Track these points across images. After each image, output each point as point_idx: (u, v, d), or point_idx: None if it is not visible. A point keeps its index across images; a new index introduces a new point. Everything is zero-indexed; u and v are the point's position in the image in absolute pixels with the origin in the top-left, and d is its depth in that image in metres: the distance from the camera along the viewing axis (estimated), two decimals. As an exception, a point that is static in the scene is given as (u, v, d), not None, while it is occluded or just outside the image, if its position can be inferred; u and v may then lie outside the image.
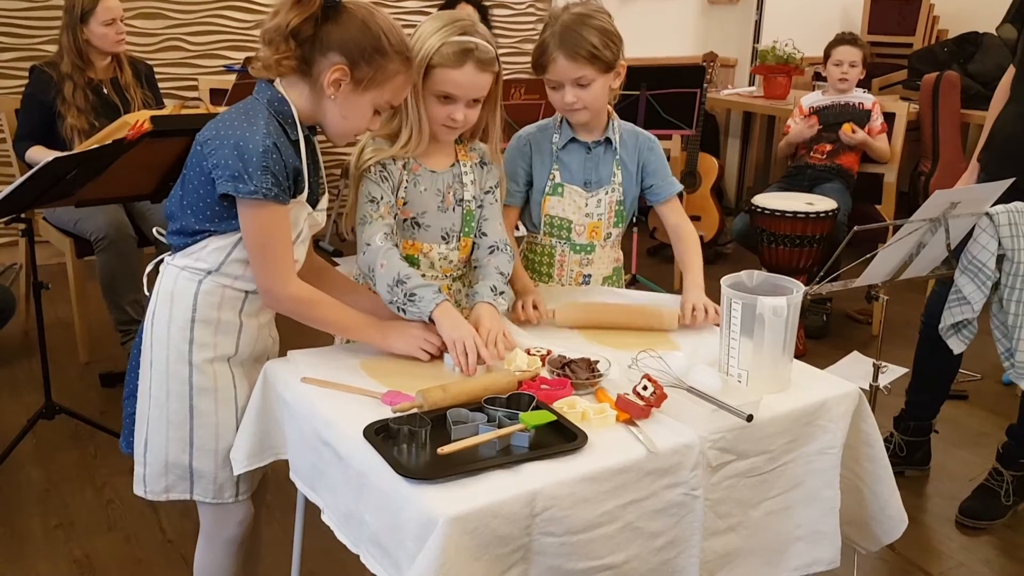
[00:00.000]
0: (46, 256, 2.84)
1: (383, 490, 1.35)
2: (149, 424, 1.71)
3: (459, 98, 1.83)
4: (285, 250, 1.64)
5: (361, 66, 1.60)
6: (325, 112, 1.65)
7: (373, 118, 1.68)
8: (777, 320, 1.59)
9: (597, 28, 1.96)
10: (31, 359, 3.38)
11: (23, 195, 2.36)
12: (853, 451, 1.71)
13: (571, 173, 2.11)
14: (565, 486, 1.35)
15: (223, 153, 1.56)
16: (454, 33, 1.80)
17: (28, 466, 2.74)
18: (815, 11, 5.81)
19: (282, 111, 1.63)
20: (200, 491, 1.72)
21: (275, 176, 1.56)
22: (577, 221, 2.11)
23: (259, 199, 1.56)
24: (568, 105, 2.01)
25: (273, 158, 1.56)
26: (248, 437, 1.69)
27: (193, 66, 4.56)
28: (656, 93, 3.96)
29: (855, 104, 4.09)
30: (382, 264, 1.76)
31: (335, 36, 1.59)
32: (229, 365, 1.71)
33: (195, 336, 1.67)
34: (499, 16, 5.17)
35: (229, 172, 1.56)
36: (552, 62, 1.98)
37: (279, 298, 1.66)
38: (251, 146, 1.56)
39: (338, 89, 1.61)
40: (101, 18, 3.29)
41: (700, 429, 1.50)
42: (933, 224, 2.14)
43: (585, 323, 1.94)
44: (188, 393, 1.68)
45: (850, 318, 4.11)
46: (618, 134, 2.12)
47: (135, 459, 1.74)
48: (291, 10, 1.57)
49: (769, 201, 3.66)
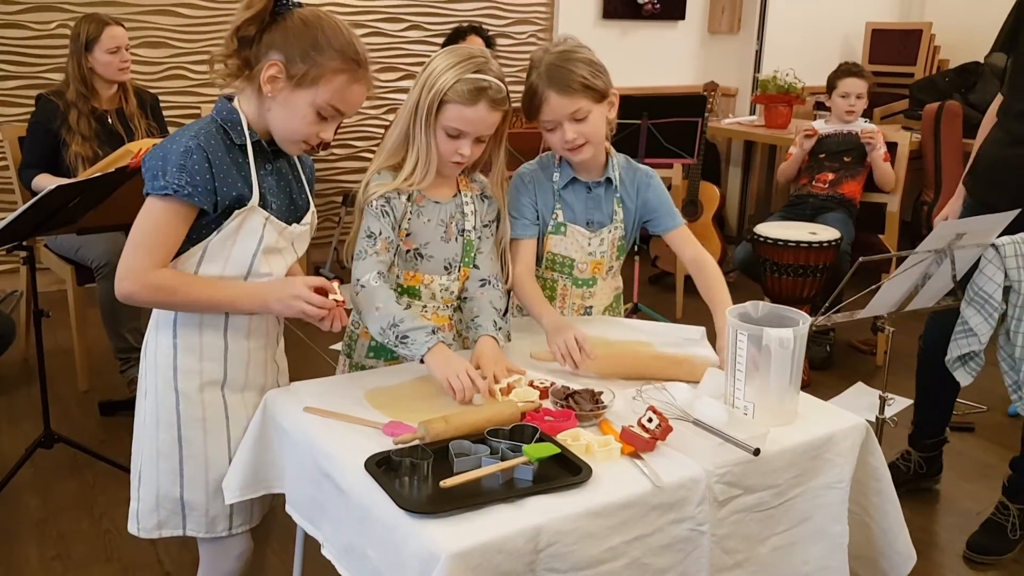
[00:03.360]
0: (46, 283, 2.83)
1: (385, 524, 1.34)
2: (142, 456, 1.69)
3: (468, 134, 1.83)
4: (163, 247, 1.57)
5: (296, 62, 1.57)
6: (270, 116, 1.62)
7: (320, 123, 1.62)
8: (783, 352, 1.58)
9: (583, 60, 1.94)
10: (30, 387, 3.35)
11: (26, 222, 2.35)
12: (861, 485, 1.69)
13: (574, 213, 2.09)
14: (570, 521, 1.33)
15: (150, 163, 1.57)
16: (469, 70, 1.80)
17: (26, 495, 2.71)
18: (816, 41, 5.84)
19: (229, 119, 1.62)
20: (193, 525, 1.69)
21: (191, 175, 1.54)
22: (580, 259, 2.10)
23: (168, 194, 1.53)
24: (569, 143, 1.97)
25: (194, 157, 1.54)
26: (243, 467, 1.67)
27: (196, 94, 4.58)
28: (657, 122, 3.96)
29: (857, 133, 4.09)
30: (377, 307, 1.76)
31: (276, 36, 1.59)
32: (222, 394, 1.68)
33: (179, 363, 1.65)
34: (501, 46, 5.19)
35: (149, 174, 1.56)
36: (544, 102, 1.95)
37: (134, 286, 1.57)
38: (172, 147, 1.56)
39: (275, 86, 1.58)
40: (106, 46, 3.31)
41: (706, 463, 1.48)
42: (939, 255, 2.13)
43: (618, 374, 1.83)
44: (176, 422, 1.66)
45: (854, 348, 4.09)
46: (617, 172, 2.10)
47: (131, 495, 1.72)
48: (242, 11, 1.58)
49: (772, 230, 3.65)
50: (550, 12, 5.47)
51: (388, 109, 5.04)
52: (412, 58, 5.05)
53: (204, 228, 1.60)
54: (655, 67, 5.56)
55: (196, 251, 1.61)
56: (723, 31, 5.87)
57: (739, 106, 5.91)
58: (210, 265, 1.62)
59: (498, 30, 5.18)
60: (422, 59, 4.99)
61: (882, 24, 5.85)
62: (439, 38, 4.95)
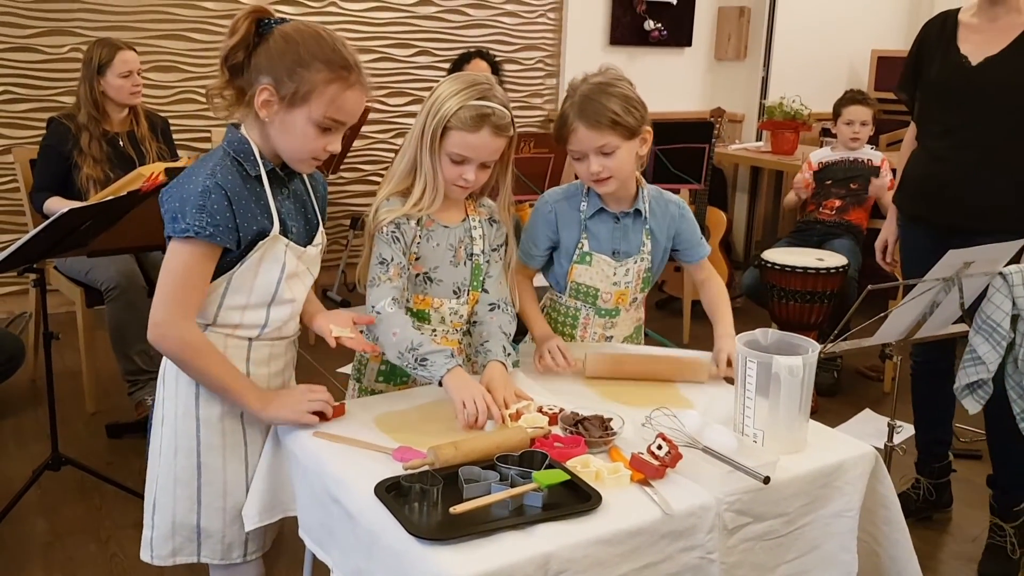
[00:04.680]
0: (55, 305, 2.84)
1: (394, 550, 1.33)
2: (158, 483, 1.69)
3: (472, 160, 1.84)
4: (195, 292, 1.58)
5: (284, 82, 1.55)
6: (274, 139, 1.61)
7: (324, 136, 1.59)
8: (793, 380, 1.58)
9: (617, 95, 1.94)
10: (38, 409, 3.36)
11: (37, 245, 2.37)
12: (870, 514, 1.69)
13: (599, 243, 2.09)
14: (580, 548, 1.33)
15: (167, 204, 1.57)
16: (473, 97, 1.81)
17: (33, 518, 2.71)
18: (822, 67, 5.88)
19: (241, 150, 1.61)
20: (208, 552, 1.69)
21: (212, 215, 1.53)
22: (604, 289, 2.11)
23: (190, 236, 1.54)
24: (594, 175, 1.98)
25: (212, 197, 1.54)
26: (260, 493, 1.67)
27: (206, 118, 4.61)
28: (665, 148, 3.99)
29: (864, 160, 4.11)
30: (394, 332, 1.77)
31: (262, 59, 1.57)
32: (241, 420, 1.68)
33: (201, 391, 1.65)
34: (509, 71, 5.23)
35: (169, 215, 1.56)
36: (573, 132, 1.96)
37: (167, 336, 1.58)
38: (190, 186, 1.55)
39: (269, 109, 1.57)
40: (118, 70, 3.34)
41: (716, 491, 1.48)
42: (947, 283, 2.13)
43: (614, 374, 1.94)
44: (196, 449, 1.66)
45: (860, 374, 4.08)
46: (647, 203, 2.11)
47: (144, 522, 1.72)
48: (228, 39, 1.57)
49: (779, 256, 3.66)
50: (558, 38, 5.52)
51: (396, 133, 5.07)
52: (420, 83, 5.09)
53: (228, 261, 1.61)
54: (662, 93, 5.59)
55: (221, 283, 1.62)
56: (730, 57, 5.92)
57: (746, 132, 5.94)
58: (235, 296, 1.63)
59: (506, 56, 5.23)
60: (430, 84, 5.02)
61: (888, 52, 5.89)
62: (447, 63, 5.00)
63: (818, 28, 5.86)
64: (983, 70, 2.51)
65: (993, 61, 2.50)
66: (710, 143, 4.08)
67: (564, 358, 1.95)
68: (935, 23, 2.67)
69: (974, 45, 2.54)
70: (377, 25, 4.95)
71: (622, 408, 1.74)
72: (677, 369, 1.96)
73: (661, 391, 1.89)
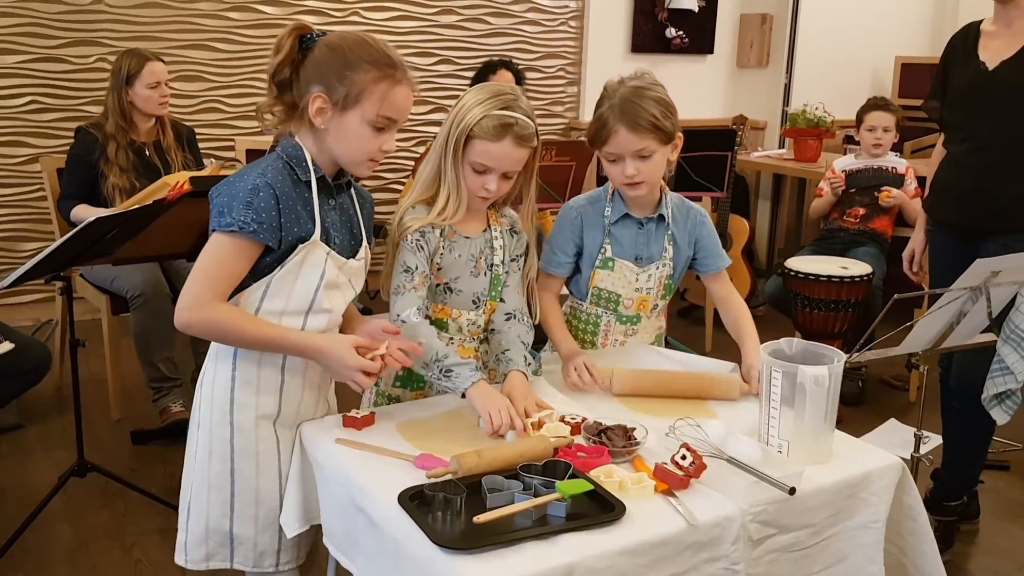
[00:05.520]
0: (80, 312, 2.87)
1: (418, 559, 1.34)
2: (192, 489, 1.70)
3: (494, 170, 1.84)
4: (225, 280, 1.59)
5: (335, 87, 1.59)
6: (330, 145, 1.64)
7: (379, 136, 1.63)
8: (819, 390, 1.57)
9: (656, 99, 1.95)
10: (63, 415, 3.39)
11: (64, 253, 2.39)
12: (896, 525, 1.67)
13: (623, 248, 2.09)
14: (604, 559, 1.32)
15: (217, 200, 1.59)
16: (496, 107, 1.81)
17: (58, 524, 2.73)
18: (845, 74, 5.84)
19: (294, 155, 1.64)
20: (240, 559, 1.70)
21: (257, 213, 1.56)
22: (626, 295, 2.10)
23: (233, 230, 1.56)
24: (628, 178, 1.98)
25: (261, 195, 1.56)
26: (295, 500, 1.68)
27: (230, 127, 4.66)
28: (687, 156, 3.97)
29: (888, 168, 4.08)
30: (420, 343, 1.78)
31: (310, 70, 1.61)
32: (274, 428, 1.69)
33: (236, 396, 1.66)
34: (530, 79, 5.24)
35: (216, 210, 1.58)
36: (613, 135, 1.96)
37: (192, 320, 1.58)
38: (240, 184, 1.58)
39: (324, 116, 1.61)
40: (146, 81, 3.38)
41: (741, 501, 1.47)
42: (974, 292, 2.11)
43: (642, 391, 1.90)
44: (230, 455, 1.66)
45: (885, 383, 4.04)
46: (670, 209, 2.11)
47: (179, 526, 1.73)
48: (273, 57, 1.61)
49: (803, 265, 3.64)
50: (579, 46, 5.53)
51: (418, 142, 5.09)
52: (443, 92, 5.10)
53: (268, 263, 1.62)
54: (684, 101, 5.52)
55: (260, 286, 1.63)
56: (752, 65, 5.90)
57: (768, 139, 5.91)
58: (273, 300, 1.64)
59: (527, 64, 5.24)
60: (453, 93, 5.05)
61: (912, 58, 5.85)
62: (469, 72, 5.00)
63: (841, 35, 5.83)
64: (999, 74, 2.55)
65: (1008, 64, 2.53)
66: (732, 151, 4.06)
67: (591, 375, 1.93)
68: (959, 36, 2.71)
69: (992, 51, 2.58)
70: (399, 34, 4.98)
71: (645, 418, 1.73)
72: (708, 387, 1.91)
73: (684, 401, 1.87)
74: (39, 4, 4.14)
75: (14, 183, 4.26)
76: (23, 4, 4.11)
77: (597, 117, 1.99)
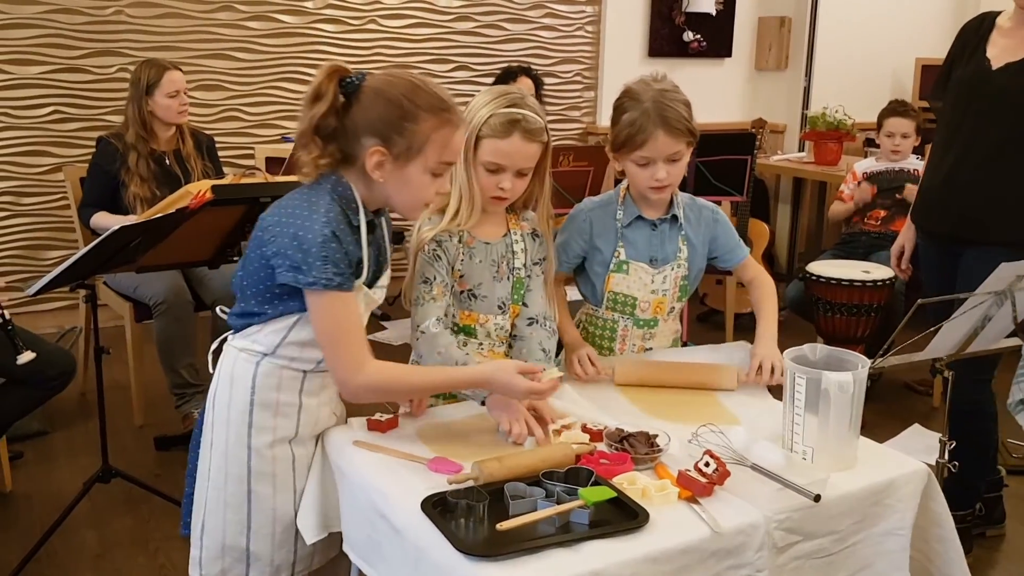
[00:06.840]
0: (103, 319, 2.89)
1: (441, 566, 1.34)
2: (207, 506, 1.69)
3: (506, 168, 1.84)
4: (354, 337, 1.58)
5: (395, 140, 1.55)
6: (387, 195, 1.62)
7: (436, 181, 1.61)
8: (843, 396, 1.56)
9: (684, 102, 1.96)
10: (87, 422, 3.42)
11: (89, 261, 2.41)
12: (922, 532, 1.66)
13: (636, 250, 2.09)
14: (628, 567, 1.32)
15: (282, 243, 1.54)
16: (503, 105, 1.83)
17: (83, 529, 2.75)
18: (865, 77, 5.81)
19: (345, 196, 1.60)
20: (256, 573, 1.69)
21: (336, 264, 1.53)
22: (642, 298, 2.10)
23: (320, 289, 1.53)
24: (659, 182, 1.97)
25: (332, 247, 1.53)
26: (313, 507, 1.68)
27: (250, 135, 4.68)
28: (706, 160, 3.96)
29: (909, 171, 4.05)
30: (439, 352, 1.79)
31: (359, 119, 1.55)
32: (290, 447, 1.68)
33: (254, 420, 1.65)
34: (547, 85, 5.24)
35: (289, 263, 1.53)
36: (651, 139, 1.94)
37: (357, 394, 1.61)
38: (310, 236, 1.52)
39: (383, 170, 1.57)
40: (166, 90, 3.40)
41: (765, 508, 1.46)
42: (999, 297, 2.08)
43: (643, 381, 1.95)
44: (247, 477, 1.66)
45: (909, 388, 4.01)
46: (682, 209, 2.11)
47: (191, 541, 1.73)
48: (310, 108, 1.55)
49: (824, 269, 3.62)
50: (596, 51, 5.52)
51: (437, 148, 5.09)
52: (459, 98, 5.03)
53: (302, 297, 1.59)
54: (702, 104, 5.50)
55: (291, 320, 1.62)
56: (770, 68, 5.87)
57: (787, 143, 5.88)
58: (300, 332, 1.62)
59: (544, 69, 5.24)
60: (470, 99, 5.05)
61: (933, 60, 5.80)
62: (486, 78, 5.02)
63: (861, 37, 5.80)
64: (1001, 74, 2.50)
65: (1012, 67, 2.48)
66: (752, 154, 4.05)
67: (594, 366, 1.97)
68: (973, 23, 2.66)
69: (1000, 49, 2.53)
70: (416, 41, 4.99)
71: (667, 424, 1.73)
72: (706, 376, 1.97)
73: (706, 407, 1.87)
74: (62, 16, 4.18)
75: (38, 192, 4.30)
76: (46, 16, 4.15)
77: (630, 122, 1.96)
